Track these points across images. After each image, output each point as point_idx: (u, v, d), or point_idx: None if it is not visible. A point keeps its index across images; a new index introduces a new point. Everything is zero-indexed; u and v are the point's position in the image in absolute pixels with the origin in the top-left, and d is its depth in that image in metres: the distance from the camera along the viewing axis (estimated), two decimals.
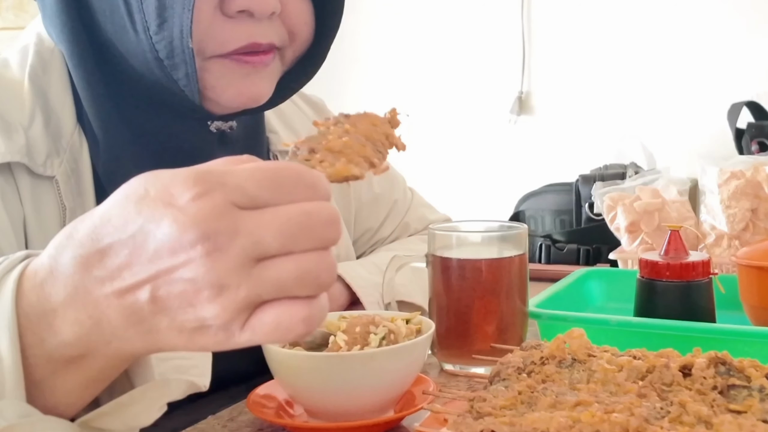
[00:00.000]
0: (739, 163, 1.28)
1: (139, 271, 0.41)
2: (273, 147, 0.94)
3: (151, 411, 0.49)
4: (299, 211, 0.41)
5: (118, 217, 0.42)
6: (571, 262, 1.77)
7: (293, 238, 0.41)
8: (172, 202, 0.40)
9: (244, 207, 0.41)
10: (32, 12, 2.35)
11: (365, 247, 1.10)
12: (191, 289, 0.40)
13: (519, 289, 0.80)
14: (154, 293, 0.41)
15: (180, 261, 0.40)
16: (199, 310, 0.41)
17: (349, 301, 0.88)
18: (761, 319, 0.86)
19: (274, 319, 0.41)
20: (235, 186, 0.41)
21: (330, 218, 0.42)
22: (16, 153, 0.71)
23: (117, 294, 0.42)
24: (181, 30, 0.67)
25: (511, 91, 2.47)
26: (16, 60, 0.77)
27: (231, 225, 0.40)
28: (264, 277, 0.40)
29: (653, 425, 0.48)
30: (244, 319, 0.41)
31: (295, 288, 0.41)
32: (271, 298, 0.41)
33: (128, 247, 0.41)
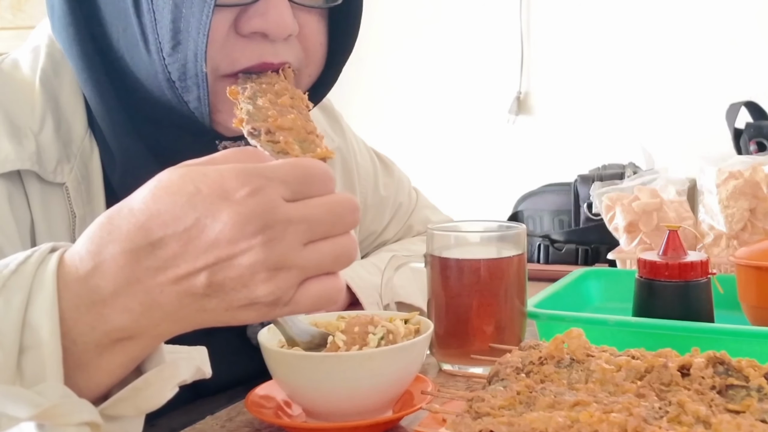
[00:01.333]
0: (738, 163, 1.28)
1: (196, 259, 0.46)
2: None
3: (164, 392, 0.51)
4: (332, 202, 0.49)
5: (168, 213, 0.46)
6: (570, 262, 1.76)
7: (332, 225, 0.49)
8: (229, 197, 0.46)
9: (289, 200, 0.48)
10: (30, 12, 2.34)
11: (369, 248, 1.10)
12: (248, 273, 0.46)
13: (517, 289, 0.80)
14: (210, 278, 0.46)
15: (240, 249, 0.46)
16: (253, 290, 0.47)
17: (349, 301, 0.88)
18: (759, 318, 0.86)
19: (316, 292, 0.49)
20: (280, 180, 0.47)
21: (354, 206, 0.51)
22: (27, 160, 0.70)
23: (172, 281, 0.46)
24: (195, 53, 0.66)
25: (509, 91, 2.47)
26: (27, 61, 0.76)
27: (284, 216, 0.47)
28: (310, 258, 0.48)
29: (652, 425, 0.48)
30: (292, 294, 0.48)
31: (332, 265, 0.49)
32: (313, 275, 0.49)
33: (183, 239, 0.46)
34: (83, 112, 0.74)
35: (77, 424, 0.46)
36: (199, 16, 0.65)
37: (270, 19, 0.69)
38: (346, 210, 0.50)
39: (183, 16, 0.66)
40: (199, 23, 0.65)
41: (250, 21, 0.69)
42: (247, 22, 0.69)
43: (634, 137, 2.17)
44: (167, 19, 0.66)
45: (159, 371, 0.51)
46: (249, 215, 0.46)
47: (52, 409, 0.45)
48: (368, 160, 1.08)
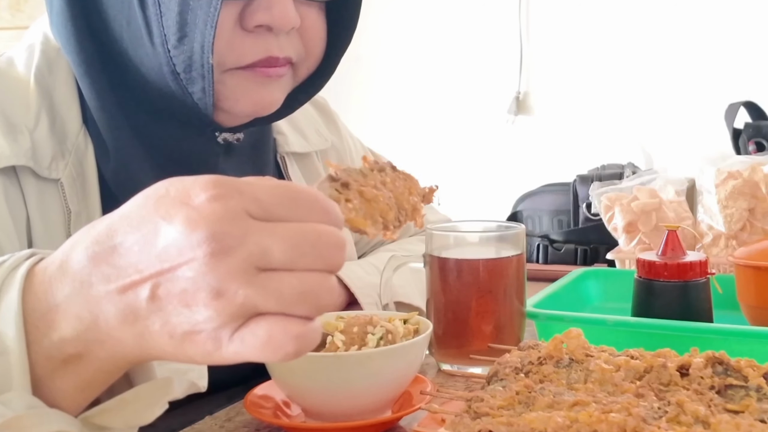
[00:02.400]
0: (737, 163, 1.28)
1: (144, 268, 0.41)
2: (280, 149, 0.93)
3: (154, 408, 0.49)
4: (310, 230, 0.42)
5: (135, 216, 0.42)
6: (569, 262, 1.77)
7: (300, 254, 0.41)
8: (188, 201, 0.41)
9: (258, 218, 0.41)
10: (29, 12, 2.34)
11: (366, 248, 1.10)
12: (190, 289, 0.40)
13: (516, 289, 0.80)
14: (154, 291, 0.41)
15: (184, 259, 0.40)
16: (194, 312, 0.40)
17: (347, 301, 0.88)
18: (758, 318, 0.86)
19: (266, 332, 0.40)
20: (252, 196, 0.41)
21: (338, 242, 0.43)
22: (22, 156, 0.70)
23: (119, 290, 0.42)
24: (202, 45, 0.67)
25: (508, 92, 2.47)
26: (21, 59, 0.76)
27: (240, 230, 0.40)
28: (265, 287, 0.40)
29: (651, 425, 0.48)
30: (236, 327, 0.41)
31: (294, 304, 0.41)
32: (268, 311, 0.41)
33: (139, 244, 0.42)
34: (78, 109, 0.75)
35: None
36: (207, 8, 0.66)
37: (274, 12, 0.70)
38: (326, 243, 0.42)
39: (190, 9, 0.67)
40: (206, 15, 0.66)
41: (255, 14, 0.71)
42: (252, 15, 0.71)
43: (633, 137, 2.18)
44: (174, 11, 0.67)
45: (149, 386, 0.49)
46: (199, 221, 0.40)
47: (16, 421, 0.42)
48: None
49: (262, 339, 0.40)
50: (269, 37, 0.73)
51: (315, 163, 0.99)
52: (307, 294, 0.41)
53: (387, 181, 0.60)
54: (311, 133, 0.99)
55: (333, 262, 0.43)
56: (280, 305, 0.41)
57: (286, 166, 0.93)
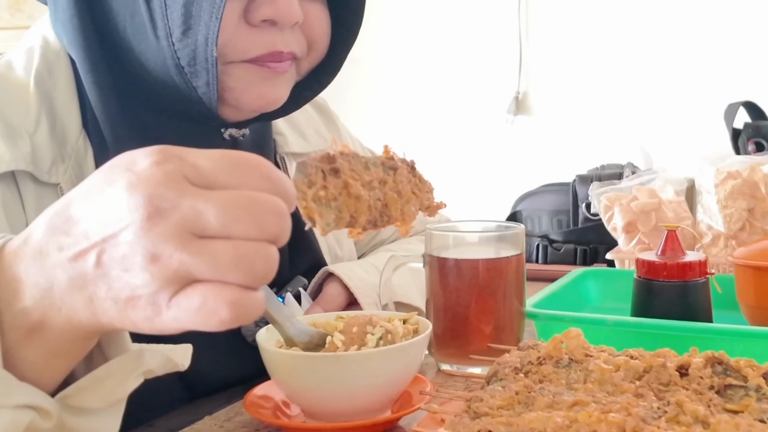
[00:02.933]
0: (736, 163, 1.28)
1: (92, 235, 0.42)
2: (280, 150, 0.93)
3: (127, 382, 0.50)
4: (246, 196, 0.42)
5: (88, 185, 0.44)
6: (568, 262, 1.77)
7: (234, 220, 0.41)
8: (131, 167, 0.42)
9: (196, 184, 0.42)
10: (28, 11, 2.34)
11: (366, 248, 1.10)
12: (129, 254, 0.41)
13: (516, 289, 0.80)
14: (99, 257, 0.42)
15: (124, 224, 0.41)
16: (132, 276, 0.41)
17: (347, 301, 0.88)
18: (758, 318, 0.86)
19: (200, 297, 0.41)
20: (193, 162, 0.42)
21: (276, 209, 0.43)
22: (22, 161, 0.70)
23: (70, 258, 0.43)
24: (206, 38, 0.67)
25: (508, 91, 2.47)
26: (21, 62, 0.76)
27: (176, 194, 0.41)
28: (199, 251, 0.41)
29: (650, 425, 0.48)
30: (173, 292, 0.41)
31: (229, 271, 0.41)
32: (204, 277, 0.41)
33: (88, 212, 0.43)
34: (78, 113, 0.75)
35: (14, 407, 0.44)
36: (213, 1, 0.66)
37: (279, 6, 0.71)
38: (262, 210, 0.42)
39: (195, 2, 0.67)
40: (212, 8, 0.67)
41: (259, 9, 0.71)
42: (257, 10, 0.71)
43: (632, 137, 2.18)
44: (179, 4, 0.68)
45: (121, 360, 0.50)
46: (137, 184, 0.41)
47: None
48: None
49: (196, 304, 0.41)
50: (273, 32, 0.73)
51: None
52: (241, 260, 0.41)
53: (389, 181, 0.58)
54: (311, 133, 0.99)
55: (269, 228, 0.42)
56: (214, 271, 0.41)
57: (286, 167, 0.93)
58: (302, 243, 0.91)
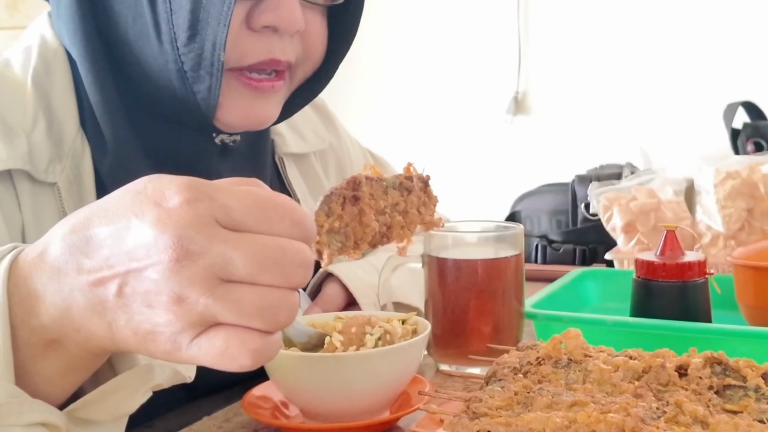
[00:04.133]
0: (735, 163, 1.28)
1: (114, 264, 0.42)
2: (278, 150, 0.93)
3: (136, 396, 0.50)
4: (276, 245, 0.43)
5: (112, 208, 0.44)
6: (567, 262, 1.76)
7: (262, 269, 0.42)
8: (161, 202, 0.42)
9: (226, 226, 0.42)
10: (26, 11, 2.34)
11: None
12: (153, 291, 0.41)
13: (515, 289, 0.80)
14: (121, 287, 0.42)
15: (151, 261, 0.41)
16: (155, 314, 0.42)
17: (346, 302, 0.88)
18: (757, 319, 0.86)
19: (223, 342, 0.42)
20: (223, 203, 0.42)
21: (304, 261, 0.44)
22: (18, 159, 0.70)
23: (90, 283, 0.43)
24: (213, 44, 0.67)
25: (507, 91, 2.47)
26: (18, 61, 0.76)
27: (206, 238, 0.41)
28: (225, 297, 0.41)
29: (649, 425, 0.48)
30: (195, 334, 0.42)
31: (252, 318, 0.42)
32: (227, 321, 0.42)
33: (112, 238, 0.43)
34: (75, 112, 0.75)
35: (26, 425, 0.44)
36: (221, 7, 0.66)
37: (282, 13, 0.71)
38: (291, 260, 0.43)
39: (203, 7, 0.67)
40: (219, 13, 0.66)
41: (262, 15, 0.71)
42: (259, 16, 0.71)
43: (631, 137, 2.17)
44: (185, 9, 0.67)
45: (130, 374, 0.50)
46: (168, 223, 0.41)
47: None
48: (362, 160, 1.09)
49: (218, 349, 0.42)
50: (273, 39, 0.73)
51: (313, 163, 0.99)
52: (266, 309, 0.42)
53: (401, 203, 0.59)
54: (309, 134, 0.99)
55: (295, 280, 0.43)
56: (238, 317, 0.42)
57: (285, 167, 0.93)
58: None
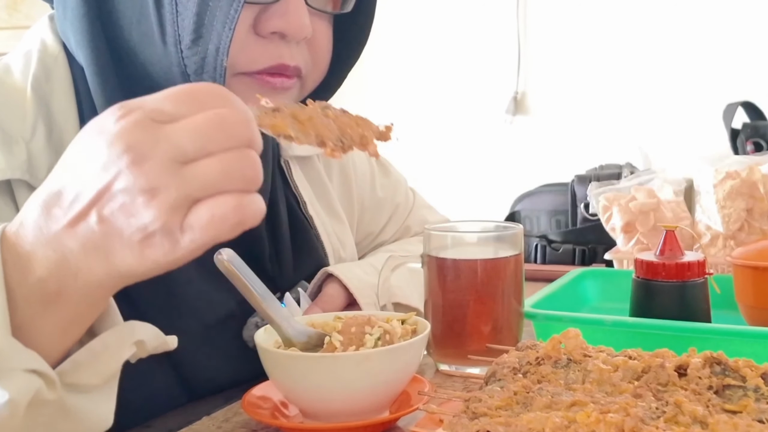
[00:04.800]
0: (735, 164, 1.28)
1: (84, 198, 0.46)
2: (284, 153, 0.93)
3: (121, 351, 0.52)
4: (212, 115, 0.46)
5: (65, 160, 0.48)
6: (567, 262, 1.77)
7: (209, 138, 0.46)
8: (102, 129, 0.46)
9: (164, 122, 0.46)
10: (25, 11, 2.34)
11: (366, 249, 1.10)
12: (128, 200, 0.45)
13: (514, 289, 0.80)
14: (99, 213, 0.45)
15: (112, 175, 0.45)
16: (139, 217, 0.45)
17: (347, 302, 0.88)
18: (756, 319, 0.86)
19: (207, 212, 0.45)
20: (153, 105, 0.46)
21: (242, 118, 0.47)
22: (17, 169, 0.69)
23: (71, 224, 0.46)
24: (217, 47, 0.67)
25: (506, 92, 2.47)
26: (18, 66, 0.75)
27: (151, 134, 0.45)
28: (190, 176, 0.45)
29: (649, 425, 0.48)
30: (181, 218, 0.45)
31: (222, 182, 0.45)
32: (202, 195, 0.45)
33: (74, 180, 0.46)
34: (75, 119, 0.74)
35: (25, 370, 0.46)
36: (227, 10, 0.66)
37: (290, 20, 0.71)
38: (231, 122, 0.46)
39: (209, 10, 0.66)
40: (225, 17, 0.66)
41: (270, 21, 0.71)
42: (267, 21, 0.71)
43: (631, 137, 2.18)
44: (191, 12, 0.67)
45: (113, 332, 0.52)
46: (112, 139, 0.45)
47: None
48: (365, 162, 1.09)
49: (206, 219, 0.45)
50: (281, 45, 0.73)
51: (316, 165, 0.98)
52: (230, 171, 0.46)
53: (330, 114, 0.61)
54: None
55: (243, 136, 0.47)
56: (209, 187, 0.45)
57: (291, 170, 0.93)
58: (307, 248, 0.91)
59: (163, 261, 0.46)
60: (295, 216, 0.91)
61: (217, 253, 0.63)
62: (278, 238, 0.87)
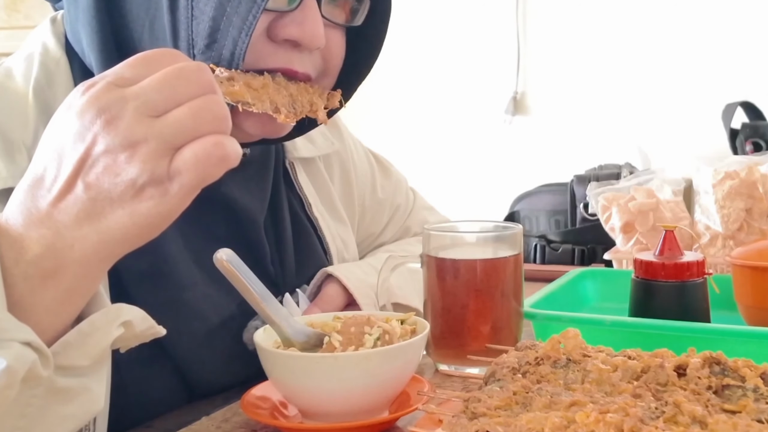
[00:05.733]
0: (734, 164, 1.28)
1: (65, 170, 0.48)
2: (289, 155, 0.92)
3: (110, 331, 0.52)
4: (171, 68, 0.50)
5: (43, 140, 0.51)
6: (566, 262, 1.77)
7: (173, 88, 0.49)
8: (71, 105, 0.49)
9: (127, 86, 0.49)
10: (25, 11, 2.34)
11: (367, 250, 1.10)
12: (110, 160, 0.47)
13: (514, 289, 0.80)
14: (85, 181, 0.47)
15: (89, 140, 0.47)
16: (125, 174, 0.47)
17: (346, 302, 0.88)
18: (756, 319, 0.86)
19: (190, 153, 0.48)
20: (114, 73, 0.50)
21: (199, 67, 0.50)
22: (19, 177, 0.67)
23: (58, 199, 0.48)
24: (232, 52, 0.66)
25: (505, 92, 2.47)
26: (20, 70, 0.74)
27: (118, 96, 0.48)
28: (164, 125, 0.48)
29: (648, 425, 0.48)
30: (166, 166, 0.48)
31: (197, 126, 0.48)
32: (182, 141, 0.48)
33: (54, 158, 0.49)
34: None
35: (22, 342, 0.47)
36: (245, 16, 0.65)
37: (306, 29, 0.70)
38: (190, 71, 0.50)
39: (226, 15, 0.66)
40: (243, 23, 0.65)
41: (286, 28, 0.70)
42: (283, 28, 0.70)
43: (630, 137, 2.18)
44: (207, 16, 0.66)
45: (103, 313, 0.52)
46: (82, 108, 0.48)
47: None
48: (365, 162, 1.08)
49: (191, 161, 0.48)
50: (292, 52, 0.72)
51: (319, 166, 0.98)
52: (200, 113, 0.49)
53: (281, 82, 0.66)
54: (318, 137, 0.98)
55: (204, 82, 0.50)
56: (186, 132, 0.48)
57: (296, 172, 0.92)
58: (310, 251, 0.91)
59: (156, 213, 0.48)
60: (298, 218, 0.91)
61: (216, 253, 0.63)
62: (281, 240, 0.87)
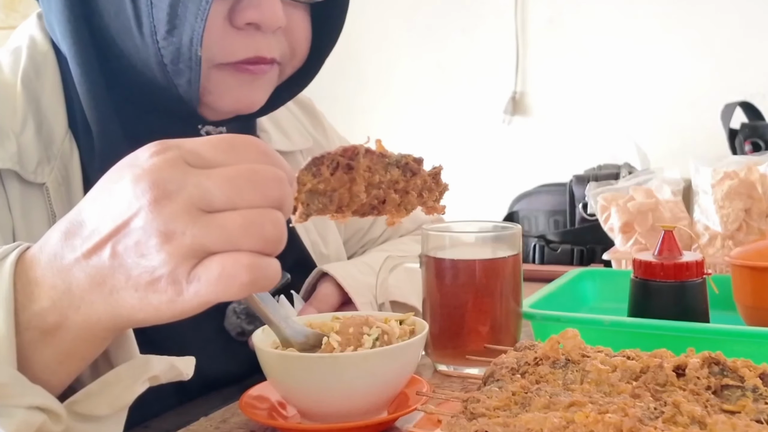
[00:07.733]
0: (733, 164, 1.28)
1: (103, 230, 0.44)
2: None
3: (134, 387, 0.51)
4: (246, 168, 0.45)
5: (96, 190, 0.47)
6: (565, 262, 1.77)
7: (238, 191, 0.44)
8: (135, 163, 0.45)
9: (197, 166, 0.44)
10: (23, 11, 2.33)
11: (356, 247, 1.09)
12: (143, 239, 0.43)
13: (513, 289, 0.80)
14: (114, 248, 0.44)
15: (133, 211, 0.43)
16: (149, 259, 0.43)
17: (341, 301, 0.88)
18: (755, 319, 0.86)
19: (218, 266, 0.43)
20: (191, 148, 0.45)
21: (276, 176, 0.45)
22: (8, 160, 0.71)
23: (85, 255, 0.45)
24: (191, 38, 0.68)
25: (504, 92, 2.47)
26: (8, 62, 0.76)
27: (180, 175, 0.43)
28: (209, 225, 0.43)
29: (647, 426, 0.48)
30: (190, 266, 0.43)
31: (240, 239, 0.43)
32: (218, 249, 0.43)
33: (98, 211, 0.45)
34: (64, 114, 0.76)
35: (28, 407, 0.45)
36: (199, 2, 0.67)
37: (264, 10, 0.72)
38: (264, 178, 0.45)
39: (181, 2, 0.68)
40: (197, 8, 0.67)
41: (244, 12, 0.72)
42: (241, 13, 0.72)
43: (629, 137, 2.17)
44: (165, 4, 0.68)
45: (128, 365, 0.51)
46: (142, 174, 0.44)
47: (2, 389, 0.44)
48: None
49: (215, 273, 0.43)
50: (258, 36, 0.74)
51: (300, 161, 0.99)
52: (250, 227, 0.43)
53: (400, 181, 0.58)
54: (294, 133, 1.00)
55: (272, 195, 0.45)
56: (226, 241, 0.43)
57: None
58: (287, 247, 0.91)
59: (165, 309, 0.44)
60: None
61: None
62: None
